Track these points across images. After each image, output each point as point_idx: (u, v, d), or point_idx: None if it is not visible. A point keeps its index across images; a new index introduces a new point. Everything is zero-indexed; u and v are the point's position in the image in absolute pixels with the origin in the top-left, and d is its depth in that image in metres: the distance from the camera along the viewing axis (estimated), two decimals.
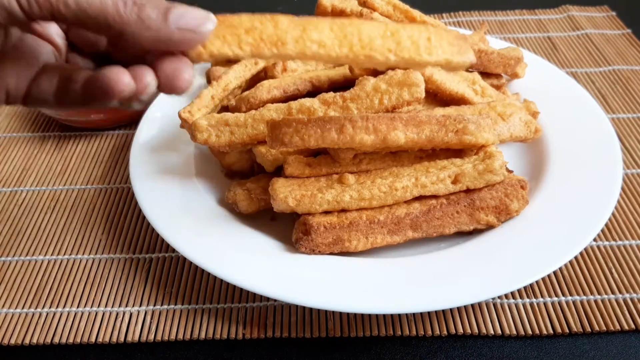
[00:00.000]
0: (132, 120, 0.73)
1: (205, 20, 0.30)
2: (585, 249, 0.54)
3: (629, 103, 0.74)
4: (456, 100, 0.57)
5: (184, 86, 0.32)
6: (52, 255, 0.56)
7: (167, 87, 0.32)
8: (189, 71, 0.32)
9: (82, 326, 0.49)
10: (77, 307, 0.50)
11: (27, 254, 0.56)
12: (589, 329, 0.47)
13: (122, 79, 0.30)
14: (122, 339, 0.48)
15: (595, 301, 0.50)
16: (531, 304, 0.49)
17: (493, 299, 0.50)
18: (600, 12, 0.94)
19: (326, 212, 0.50)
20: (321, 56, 0.31)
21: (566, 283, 0.51)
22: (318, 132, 0.46)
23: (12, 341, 0.48)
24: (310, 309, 0.49)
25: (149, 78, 0.31)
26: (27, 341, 0.48)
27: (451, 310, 0.49)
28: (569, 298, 0.50)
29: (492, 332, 0.47)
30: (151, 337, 0.48)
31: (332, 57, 0.31)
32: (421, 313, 0.49)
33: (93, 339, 0.48)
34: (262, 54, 0.30)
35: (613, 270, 0.52)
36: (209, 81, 0.67)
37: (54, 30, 0.35)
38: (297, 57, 0.30)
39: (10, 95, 0.33)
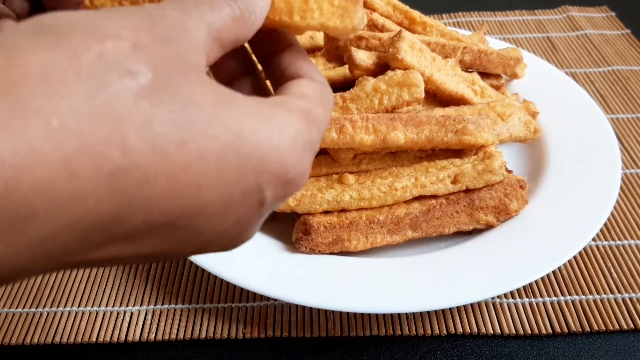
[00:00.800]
0: None
1: None
2: (584, 249, 0.54)
3: (628, 103, 0.74)
4: (456, 101, 0.58)
5: None
6: None
7: None
8: None
9: (83, 326, 0.49)
10: (78, 306, 0.51)
11: None
12: (588, 329, 0.48)
13: None
14: (122, 338, 0.48)
15: (594, 301, 0.50)
16: (530, 304, 0.50)
17: (492, 298, 0.50)
18: (599, 13, 0.94)
19: (326, 212, 0.50)
20: None
21: (565, 283, 0.51)
22: None
23: (13, 341, 0.48)
24: (310, 309, 0.50)
25: None
26: (27, 341, 0.48)
27: (450, 309, 0.49)
28: (568, 298, 0.50)
29: (491, 331, 0.48)
30: (152, 336, 0.48)
31: None
32: (421, 313, 0.49)
33: (94, 339, 0.48)
34: None
35: (612, 270, 0.52)
36: None
37: None
38: None
39: None
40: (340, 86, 0.59)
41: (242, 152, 0.20)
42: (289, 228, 0.51)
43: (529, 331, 0.48)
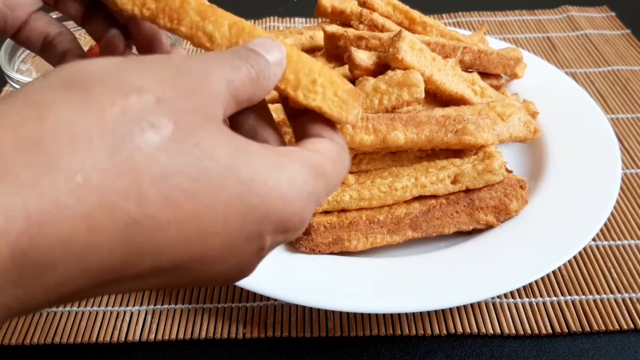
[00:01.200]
0: None
1: None
2: (585, 249, 0.54)
3: (628, 103, 0.74)
4: (456, 101, 0.58)
5: (119, 49, 0.37)
6: None
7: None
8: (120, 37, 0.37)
9: (83, 326, 0.49)
10: (78, 306, 0.51)
11: None
12: (588, 329, 0.48)
13: None
14: (122, 338, 0.48)
15: (594, 301, 0.50)
16: (530, 304, 0.50)
17: (492, 298, 0.50)
18: (599, 13, 0.94)
19: (326, 212, 0.50)
20: (207, 49, 0.30)
21: (565, 283, 0.51)
22: None
23: (13, 341, 0.48)
24: (310, 309, 0.50)
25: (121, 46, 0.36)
26: (27, 341, 0.48)
27: (450, 309, 0.49)
28: (568, 298, 0.50)
29: (491, 331, 0.48)
30: (152, 336, 0.48)
31: None
32: (421, 313, 0.49)
33: (94, 339, 0.48)
34: (157, 23, 0.30)
35: (612, 270, 0.52)
36: None
37: None
38: (187, 39, 0.30)
39: (7, 23, 0.35)
40: None
41: (250, 201, 0.22)
42: None
43: (529, 331, 0.48)
